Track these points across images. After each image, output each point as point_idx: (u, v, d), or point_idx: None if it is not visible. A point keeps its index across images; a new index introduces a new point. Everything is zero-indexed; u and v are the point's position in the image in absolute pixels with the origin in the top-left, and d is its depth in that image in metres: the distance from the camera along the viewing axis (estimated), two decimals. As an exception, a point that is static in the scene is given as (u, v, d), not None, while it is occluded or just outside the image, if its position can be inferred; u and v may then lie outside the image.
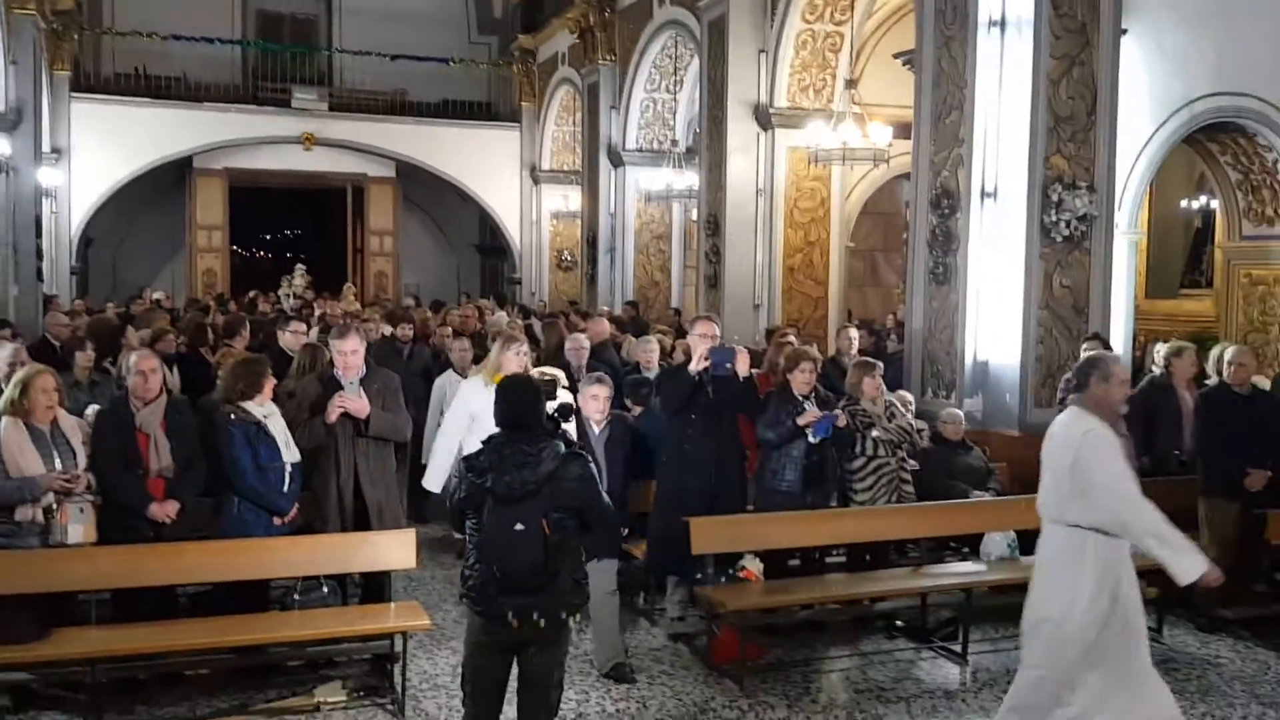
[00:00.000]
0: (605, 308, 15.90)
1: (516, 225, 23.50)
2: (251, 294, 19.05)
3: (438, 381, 8.66)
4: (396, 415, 6.26)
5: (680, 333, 11.12)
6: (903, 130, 10.94)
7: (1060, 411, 4.93)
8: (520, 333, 8.13)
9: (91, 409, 6.90)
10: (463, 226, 26.75)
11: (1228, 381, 7.13)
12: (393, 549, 5.90)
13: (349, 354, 6.10)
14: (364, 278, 25.41)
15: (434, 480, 6.70)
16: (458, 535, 6.25)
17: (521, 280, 23.58)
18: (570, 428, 4.87)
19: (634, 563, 7.11)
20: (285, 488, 5.85)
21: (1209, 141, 10.65)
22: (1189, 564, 4.44)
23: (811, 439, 6.66)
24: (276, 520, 5.84)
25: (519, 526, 3.96)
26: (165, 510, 5.65)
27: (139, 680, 5.72)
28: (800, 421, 6.66)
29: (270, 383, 5.88)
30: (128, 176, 21.18)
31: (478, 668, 4.19)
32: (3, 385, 6.01)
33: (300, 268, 23.19)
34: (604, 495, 4.26)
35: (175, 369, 9.63)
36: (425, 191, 25.49)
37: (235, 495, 5.77)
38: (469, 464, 4.15)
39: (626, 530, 6.87)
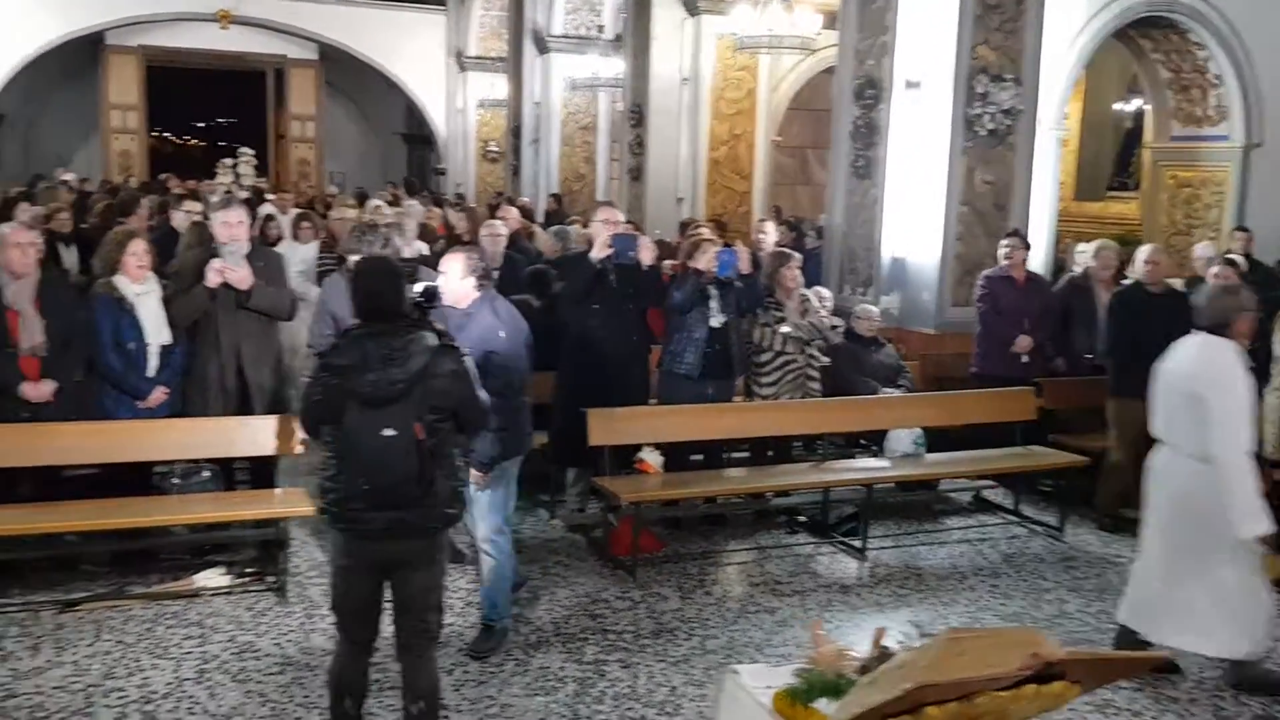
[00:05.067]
0: (525, 199, 15.49)
1: (442, 114, 22.82)
2: (163, 176, 18.30)
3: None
4: (282, 296, 5.96)
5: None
6: (833, 19, 10.61)
7: None
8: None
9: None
10: (388, 114, 25.94)
11: (1141, 280, 7.06)
12: (276, 434, 5.65)
13: (234, 225, 5.79)
14: (286, 165, 24.65)
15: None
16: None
17: (447, 170, 22.97)
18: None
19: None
20: (150, 370, 5.57)
21: (1141, 38, 10.47)
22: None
23: (719, 275, 6.36)
24: (139, 404, 5.56)
25: (388, 432, 3.52)
26: (39, 390, 5.37)
27: (13, 564, 5.51)
28: (700, 265, 6.41)
29: (132, 258, 5.54)
30: (35, 52, 20.21)
31: (345, 591, 3.78)
32: None
33: (246, 152, 22.06)
34: (479, 391, 3.87)
35: (74, 248, 9.34)
36: (349, 76, 24.61)
37: (97, 375, 5.52)
38: (325, 363, 3.69)
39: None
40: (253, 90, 26.19)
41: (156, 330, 5.60)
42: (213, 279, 5.61)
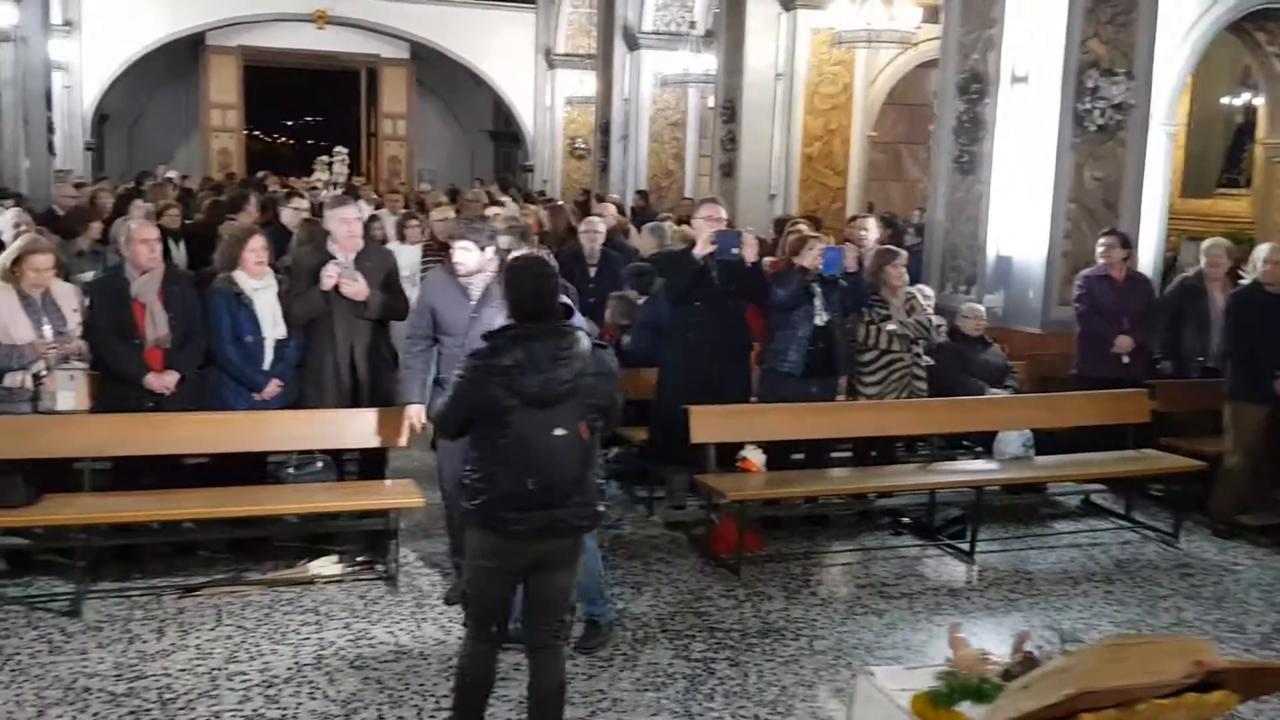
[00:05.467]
0: (615, 196, 15.53)
1: (530, 111, 23.00)
2: (260, 174, 18.72)
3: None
4: (396, 298, 6.03)
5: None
6: (932, 13, 10.44)
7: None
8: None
9: (87, 275, 6.83)
10: (476, 111, 26.24)
11: (1261, 280, 6.82)
12: (386, 427, 5.73)
13: (351, 221, 5.87)
14: (378, 163, 25.08)
15: None
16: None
17: (534, 168, 23.14)
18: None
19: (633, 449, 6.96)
20: (266, 363, 5.71)
21: (1256, 30, 10.13)
22: None
23: (824, 273, 6.31)
24: (255, 395, 5.70)
25: (560, 431, 3.50)
26: (163, 381, 5.55)
27: (136, 549, 5.70)
28: (806, 262, 6.33)
29: (251, 254, 5.69)
30: (140, 52, 20.90)
31: (485, 591, 3.74)
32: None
33: (340, 151, 22.34)
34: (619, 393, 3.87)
35: (183, 244, 9.62)
36: (438, 75, 24.98)
37: (215, 367, 5.69)
38: (485, 364, 3.56)
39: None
40: (344, 89, 26.69)
41: (272, 324, 5.73)
42: (327, 284, 5.71)
